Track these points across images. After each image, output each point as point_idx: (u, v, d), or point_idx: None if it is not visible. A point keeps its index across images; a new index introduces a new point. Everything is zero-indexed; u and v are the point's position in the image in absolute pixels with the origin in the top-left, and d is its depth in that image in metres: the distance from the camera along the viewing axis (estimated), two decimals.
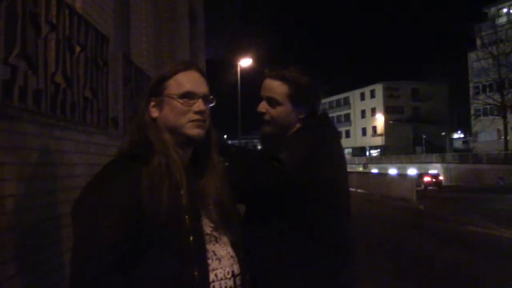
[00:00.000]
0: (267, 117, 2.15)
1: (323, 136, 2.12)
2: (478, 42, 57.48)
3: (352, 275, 2.09)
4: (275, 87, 2.14)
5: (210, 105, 1.68)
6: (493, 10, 60.20)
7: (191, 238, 1.48)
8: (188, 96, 1.60)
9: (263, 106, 2.16)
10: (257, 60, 26.88)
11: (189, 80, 1.63)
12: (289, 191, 1.92)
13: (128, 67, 5.12)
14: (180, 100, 1.59)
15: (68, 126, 3.37)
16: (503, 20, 57.92)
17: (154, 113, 1.62)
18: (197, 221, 1.53)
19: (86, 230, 1.41)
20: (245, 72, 26.99)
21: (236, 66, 26.35)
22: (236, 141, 29.29)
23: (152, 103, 1.62)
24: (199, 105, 1.61)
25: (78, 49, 3.52)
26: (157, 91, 1.62)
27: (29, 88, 2.75)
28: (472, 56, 58.46)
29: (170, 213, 1.45)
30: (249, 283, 1.64)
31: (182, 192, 1.50)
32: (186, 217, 1.49)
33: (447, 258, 9.22)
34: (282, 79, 2.13)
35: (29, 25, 2.80)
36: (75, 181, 3.32)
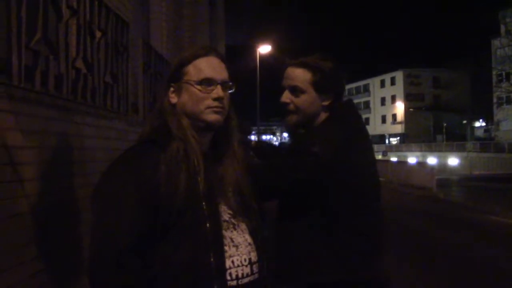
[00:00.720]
0: (291, 107, 2.12)
1: (353, 124, 2.10)
2: (502, 29, 56.29)
3: (384, 264, 2.09)
4: (298, 75, 2.10)
5: (230, 91, 1.67)
6: None
7: (208, 225, 1.48)
8: (206, 82, 1.60)
9: (286, 96, 2.12)
10: (276, 47, 26.75)
11: (208, 66, 1.62)
12: (327, 183, 1.91)
13: (148, 52, 5.13)
14: (199, 87, 1.59)
15: (89, 111, 3.39)
16: None
17: (173, 99, 1.62)
18: (215, 207, 1.53)
19: (105, 214, 1.43)
20: (264, 58, 26.90)
21: (255, 52, 26.26)
22: (255, 128, 29.29)
23: (172, 89, 1.63)
24: (217, 91, 1.60)
25: (98, 34, 3.53)
26: (176, 76, 1.62)
27: (50, 73, 2.78)
28: (495, 43, 57.28)
29: (187, 199, 1.45)
30: (266, 270, 1.63)
31: (199, 178, 1.50)
32: (203, 203, 1.49)
33: (465, 246, 9.14)
34: (305, 66, 2.09)
35: (51, 10, 2.81)
36: (95, 166, 3.35)
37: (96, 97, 3.48)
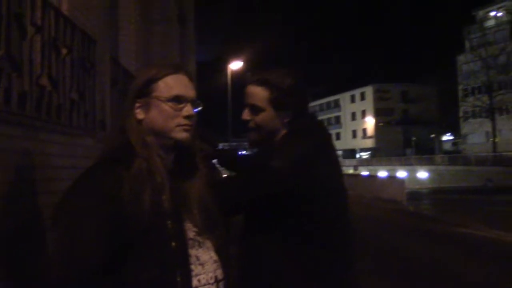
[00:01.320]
0: (251, 124, 2.11)
1: (315, 138, 2.08)
2: (467, 44, 57.98)
3: (356, 276, 2.08)
4: (256, 93, 2.09)
5: (197, 109, 1.66)
6: (481, 13, 60.76)
7: (174, 243, 1.46)
8: (177, 99, 1.58)
9: (246, 114, 2.12)
10: (248, 61, 26.89)
11: (179, 84, 1.60)
12: (286, 197, 1.90)
13: (116, 69, 5.10)
14: (169, 104, 1.57)
15: (54, 128, 3.33)
16: (491, 23, 58.48)
17: (140, 114, 1.58)
18: (180, 225, 1.52)
19: (69, 234, 1.39)
20: (236, 74, 26.98)
21: (226, 69, 26.34)
22: (227, 144, 29.27)
23: (138, 105, 1.59)
24: (188, 109, 1.59)
25: (64, 51, 3.49)
26: (143, 92, 1.59)
27: (13, 90, 2.72)
28: (461, 58, 58.97)
29: (152, 218, 1.43)
30: None
31: (164, 197, 1.48)
32: (169, 222, 1.47)
33: (436, 258, 9.25)
34: (264, 84, 2.08)
35: (14, 26, 2.77)
36: (61, 184, 3.27)
37: (62, 114, 3.43)
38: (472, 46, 55.07)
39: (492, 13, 59.88)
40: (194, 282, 1.48)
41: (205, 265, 1.53)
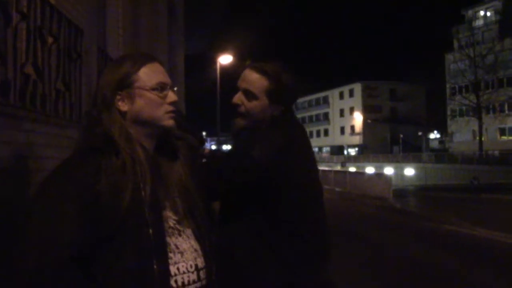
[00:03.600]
0: (241, 109, 2.11)
1: (293, 131, 2.09)
2: (456, 44, 58.33)
3: (329, 270, 2.10)
4: (255, 80, 2.08)
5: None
6: (470, 12, 61.18)
7: (151, 231, 1.44)
8: (160, 87, 1.58)
9: (238, 98, 2.11)
10: (238, 56, 26.78)
11: (158, 72, 1.61)
12: (264, 186, 1.91)
13: (103, 60, 5.04)
14: (154, 92, 1.57)
15: (39, 118, 3.28)
16: (479, 22, 58.94)
17: (123, 107, 1.56)
18: (158, 214, 1.50)
19: (43, 224, 1.37)
20: (225, 69, 26.91)
21: (216, 62, 26.23)
22: (215, 138, 29.18)
23: (118, 97, 1.56)
24: (171, 95, 1.61)
25: (50, 40, 3.43)
26: (124, 84, 1.56)
27: None
28: (449, 57, 59.33)
29: (130, 207, 1.41)
30: (215, 276, 1.61)
31: (142, 185, 1.46)
32: (146, 210, 1.45)
33: (422, 256, 9.32)
34: (263, 73, 2.08)
35: None
36: (46, 175, 3.23)
37: (47, 104, 3.38)
38: (461, 45, 55.41)
39: (481, 13, 60.34)
40: (173, 270, 1.47)
41: (184, 254, 1.52)
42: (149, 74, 1.58)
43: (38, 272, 1.31)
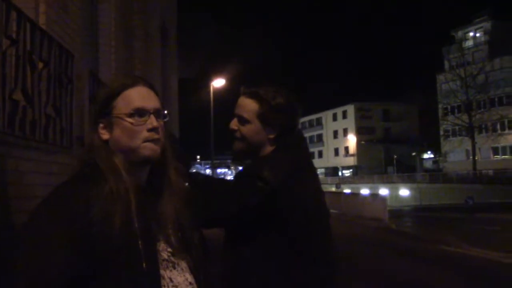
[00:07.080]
0: (237, 134, 2.16)
1: (302, 152, 2.16)
2: (446, 64, 59.02)
3: None
4: (246, 105, 2.13)
5: (164, 119, 1.57)
6: (460, 33, 62.04)
7: (144, 265, 1.37)
8: (138, 113, 1.48)
9: (234, 123, 2.17)
10: (231, 79, 26.96)
11: (138, 96, 1.50)
12: (275, 208, 1.92)
13: (95, 84, 4.99)
14: (130, 119, 1.47)
15: (28, 144, 3.22)
16: (470, 43, 59.73)
17: (105, 135, 1.50)
18: (152, 246, 1.43)
19: (34, 255, 1.30)
20: (219, 92, 27.01)
21: (209, 86, 26.35)
22: (209, 161, 29.14)
23: (101, 125, 1.50)
24: (151, 121, 1.49)
25: (40, 65, 3.39)
26: (105, 112, 1.50)
27: None
28: (440, 78, 59.96)
29: (122, 238, 1.35)
30: None
31: (134, 217, 1.40)
32: (140, 242, 1.39)
33: (419, 276, 9.22)
34: (255, 97, 2.12)
35: None
36: (36, 203, 3.15)
37: (37, 130, 3.31)
38: (451, 65, 56.06)
39: (471, 34, 61.19)
40: None
41: (179, 287, 1.46)
42: (127, 100, 1.49)
43: None
